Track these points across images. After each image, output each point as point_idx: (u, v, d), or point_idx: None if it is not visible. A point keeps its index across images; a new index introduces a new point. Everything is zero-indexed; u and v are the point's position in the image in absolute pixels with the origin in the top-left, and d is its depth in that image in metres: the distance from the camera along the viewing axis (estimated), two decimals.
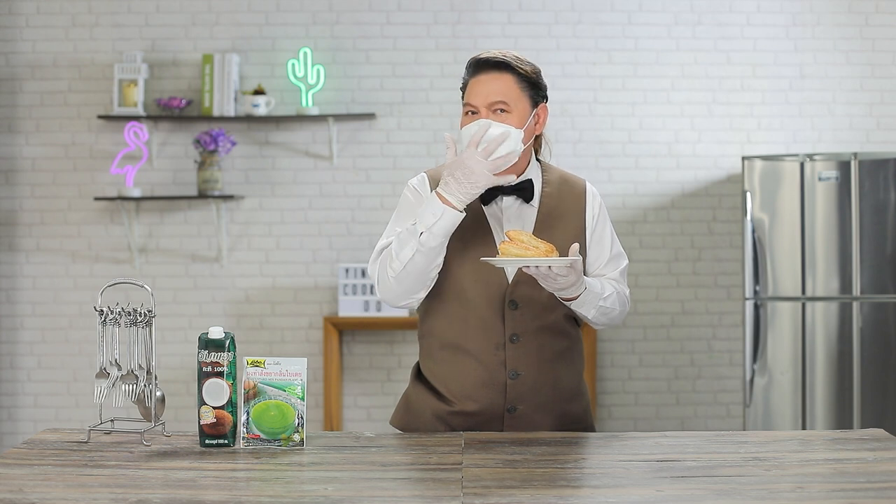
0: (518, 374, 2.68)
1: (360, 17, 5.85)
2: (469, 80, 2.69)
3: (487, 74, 2.66)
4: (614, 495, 2.10)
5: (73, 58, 5.87)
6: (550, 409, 2.72)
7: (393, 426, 2.85)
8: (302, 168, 5.88)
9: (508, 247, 2.47)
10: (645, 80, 5.84)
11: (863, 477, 2.20)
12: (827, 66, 5.83)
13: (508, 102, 2.64)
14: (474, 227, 2.69)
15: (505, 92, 2.65)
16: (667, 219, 5.87)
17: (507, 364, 2.67)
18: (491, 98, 2.64)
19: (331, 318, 5.72)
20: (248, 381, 2.48)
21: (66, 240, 5.90)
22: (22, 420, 5.92)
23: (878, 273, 5.22)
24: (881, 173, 5.22)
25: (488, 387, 2.68)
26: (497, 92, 2.64)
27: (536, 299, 2.67)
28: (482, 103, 2.64)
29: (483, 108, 2.64)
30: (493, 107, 2.64)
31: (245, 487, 2.19)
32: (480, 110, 2.65)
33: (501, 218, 2.71)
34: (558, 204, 2.75)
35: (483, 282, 2.68)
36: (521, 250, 2.45)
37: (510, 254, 2.46)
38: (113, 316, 2.56)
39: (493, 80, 2.65)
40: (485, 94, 2.64)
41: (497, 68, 2.66)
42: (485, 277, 2.67)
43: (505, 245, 2.48)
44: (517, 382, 2.68)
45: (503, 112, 2.64)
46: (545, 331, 2.70)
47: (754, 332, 5.28)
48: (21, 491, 2.11)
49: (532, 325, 2.68)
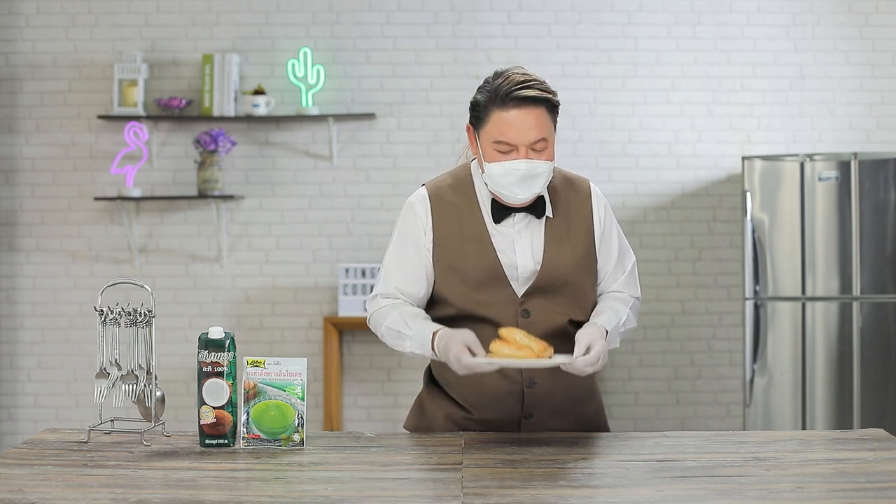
0: (534, 381, 2.64)
1: (360, 17, 5.86)
2: (497, 111, 2.54)
3: (524, 110, 2.53)
4: (614, 495, 2.10)
5: (73, 58, 5.87)
6: (565, 413, 2.70)
7: (407, 430, 2.82)
8: (302, 168, 5.88)
9: (500, 347, 2.39)
10: (645, 80, 5.84)
11: (863, 477, 2.20)
12: (827, 66, 5.83)
13: (547, 138, 2.55)
14: (478, 249, 2.62)
15: (543, 128, 2.54)
16: (667, 219, 5.87)
17: (523, 373, 2.64)
18: (532, 137, 2.53)
19: (331, 318, 5.72)
20: (248, 381, 2.48)
21: (66, 240, 5.90)
22: (22, 420, 5.92)
23: (878, 273, 5.21)
24: (881, 173, 5.22)
25: (506, 396, 2.65)
26: (538, 130, 2.53)
27: (548, 308, 2.63)
28: (523, 142, 2.53)
29: (523, 146, 2.53)
30: (534, 145, 2.54)
31: (245, 487, 2.19)
32: (520, 149, 2.53)
33: (513, 235, 2.64)
34: (566, 215, 2.68)
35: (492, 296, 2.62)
36: (513, 350, 2.37)
37: (501, 354, 2.38)
38: (113, 316, 2.56)
39: (531, 117, 2.53)
40: (525, 133, 2.53)
41: (535, 103, 2.53)
42: (493, 293, 2.62)
43: (497, 345, 2.40)
44: (534, 390, 2.65)
45: (543, 149, 2.55)
46: (558, 337, 2.64)
47: (754, 332, 5.28)
48: (21, 491, 2.11)
49: (546, 332, 2.61)
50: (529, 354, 2.38)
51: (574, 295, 2.66)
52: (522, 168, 2.53)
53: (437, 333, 2.57)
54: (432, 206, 2.67)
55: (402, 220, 2.70)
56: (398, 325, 2.63)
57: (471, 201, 2.66)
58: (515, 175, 2.54)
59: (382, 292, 2.70)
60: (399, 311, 2.64)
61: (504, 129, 2.53)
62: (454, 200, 2.67)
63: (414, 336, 2.60)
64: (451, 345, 2.50)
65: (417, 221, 2.67)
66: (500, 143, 2.54)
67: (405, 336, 2.61)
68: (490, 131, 2.55)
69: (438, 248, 2.65)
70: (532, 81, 2.55)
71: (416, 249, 2.67)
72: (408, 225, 2.68)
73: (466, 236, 2.64)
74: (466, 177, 2.71)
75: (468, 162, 2.76)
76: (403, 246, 2.68)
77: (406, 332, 2.61)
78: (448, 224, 2.65)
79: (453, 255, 2.64)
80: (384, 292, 2.69)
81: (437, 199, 2.67)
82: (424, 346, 2.59)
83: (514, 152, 2.54)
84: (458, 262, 2.63)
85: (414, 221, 2.68)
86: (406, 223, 2.69)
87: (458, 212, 2.66)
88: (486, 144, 2.57)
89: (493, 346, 2.41)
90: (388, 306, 2.66)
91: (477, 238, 2.63)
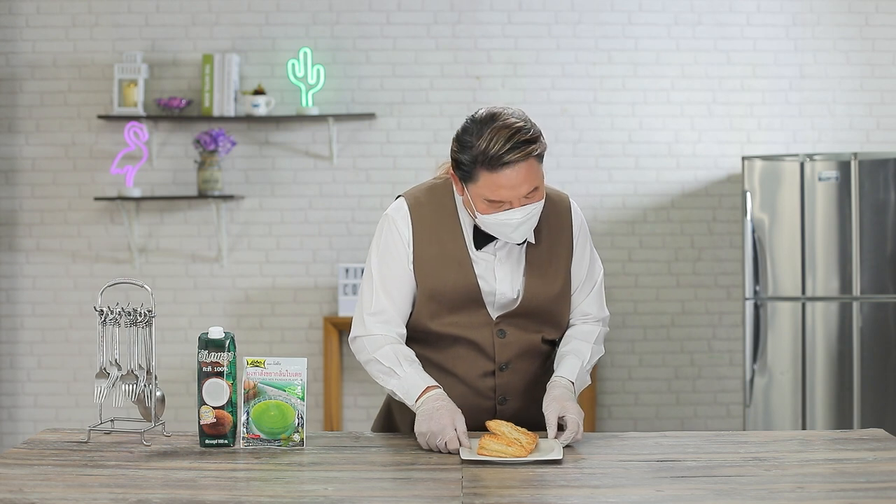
0: (507, 399, 2.66)
1: (360, 17, 5.86)
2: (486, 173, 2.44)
3: (515, 169, 2.44)
4: (614, 495, 2.10)
5: (73, 58, 5.87)
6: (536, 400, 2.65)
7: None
8: (302, 168, 5.88)
9: (489, 442, 2.36)
10: (645, 80, 5.84)
11: (863, 477, 2.20)
12: (827, 66, 5.83)
13: (538, 185, 2.49)
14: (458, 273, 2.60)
15: (534, 178, 2.47)
16: (667, 219, 5.87)
17: (496, 391, 2.66)
18: (525, 191, 2.46)
19: (331, 318, 5.72)
20: (248, 381, 2.48)
21: (66, 240, 5.90)
22: (22, 420, 5.92)
23: (878, 273, 5.21)
24: (881, 173, 5.22)
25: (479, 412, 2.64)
26: (530, 182, 2.46)
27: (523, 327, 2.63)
28: (516, 197, 2.46)
29: (517, 200, 2.47)
30: (528, 195, 2.48)
31: (245, 487, 2.19)
32: (513, 202, 2.47)
33: (493, 262, 2.61)
34: (549, 237, 2.65)
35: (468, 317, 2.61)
36: (503, 446, 2.35)
37: (491, 448, 2.36)
38: (113, 316, 2.56)
39: (523, 172, 2.45)
40: (517, 189, 2.45)
41: (525, 158, 2.44)
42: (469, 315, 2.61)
43: (486, 440, 2.37)
44: (505, 407, 2.67)
45: (535, 194, 2.49)
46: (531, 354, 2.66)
47: (754, 332, 5.28)
48: (21, 491, 2.11)
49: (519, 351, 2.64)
50: (518, 449, 2.35)
51: (549, 317, 2.67)
52: (517, 216, 2.48)
53: (429, 392, 2.52)
54: (413, 221, 2.61)
55: (384, 233, 2.63)
56: (390, 361, 2.57)
57: (452, 222, 2.61)
58: (512, 225, 2.49)
59: (371, 311, 2.62)
60: (393, 348, 2.58)
61: (495, 189, 2.45)
62: (434, 218, 2.61)
63: (404, 379, 2.54)
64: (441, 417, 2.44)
65: (400, 236, 2.61)
66: (492, 202, 2.48)
67: (395, 375, 2.56)
68: (480, 190, 2.47)
69: (418, 265, 2.60)
70: (519, 136, 2.43)
71: (400, 264, 2.61)
72: (391, 238, 2.62)
73: (447, 258, 2.60)
74: (447, 194, 2.64)
75: (447, 176, 2.68)
76: (388, 260, 2.62)
77: (398, 371, 2.56)
78: (429, 242, 2.60)
79: (433, 276, 2.60)
80: (373, 311, 2.62)
81: (418, 214, 2.61)
82: (409, 393, 2.53)
83: (507, 205, 2.47)
84: (437, 284, 2.59)
85: (397, 235, 2.61)
86: (389, 236, 2.62)
87: (439, 231, 2.61)
88: (476, 198, 2.50)
89: (483, 442, 2.37)
90: (381, 337, 2.60)
91: (457, 261, 2.59)
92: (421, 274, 2.60)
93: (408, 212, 2.62)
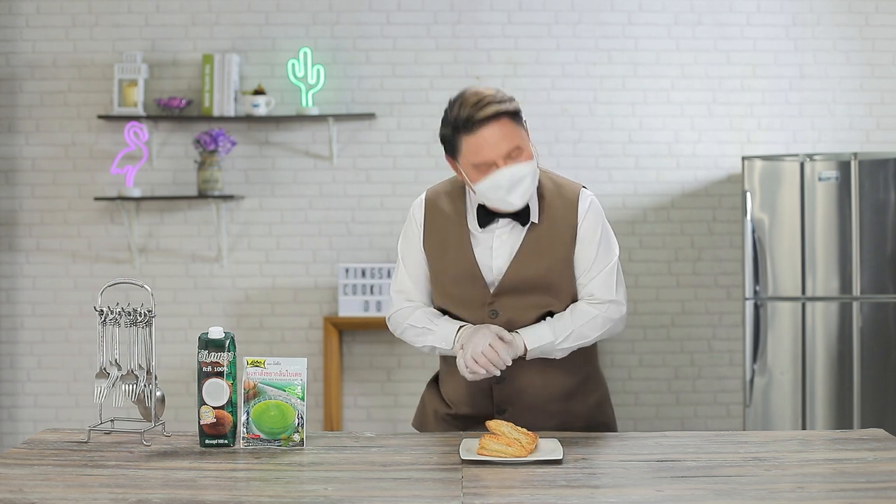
0: (503, 378, 2.75)
1: (360, 17, 5.86)
2: (465, 137, 2.64)
3: (489, 127, 2.62)
4: (614, 495, 2.10)
5: (73, 58, 5.87)
6: (541, 409, 2.78)
7: (414, 428, 2.99)
8: (302, 168, 5.88)
9: (489, 442, 2.38)
10: (645, 80, 5.84)
11: (863, 477, 2.20)
12: (827, 66, 5.83)
13: (520, 144, 2.64)
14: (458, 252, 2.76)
15: (513, 136, 2.63)
16: (667, 219, 5.87)
17: None
18: (505, 149, 2.62)
19: (331, 318, 5.72)
20: (248, 381, 2.48)
21: (66, 240, 5.90)
22: (22, 420, 5.92)
23: (878, 273, 5.21)
24: (881, 173, 5.22)
25: (478, 392, 2.79)
26: (509, 140, 2.62)
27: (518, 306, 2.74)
28: (498, 156, 2.62)
29: (500, 159, 2.62)
30: (510, 154, 2.63)
31: (245, 487, 2.19)
32: (498, 162, 2.62)
33: (492, 239, 2.75)
34: (551, 221, 2.76)
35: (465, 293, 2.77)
36: (503, 446, 2.37)
37: (491, 448, 2.38)
38: (113, 316, 2.56)
39: (498, 130, 2.62)
40: (497, 147, 2.62)
41: (496, 117, 2.62)
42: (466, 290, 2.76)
43: (486, 440, 2.39)
44: (503, 386, 2.77)
45: (518, 155, 2.64)
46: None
47: (754, 332, 5.28)
48: (21, 491, 2.11)
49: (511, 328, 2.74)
50: (519, 449, 2.38)
51: (546, 294, 2.76)
52: (506, 176, 2.63)
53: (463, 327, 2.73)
54: (426, 212, 2.83)
55: (407, 220, 2.89)
56: (422, 322, 2.80)
57: (459, 209, 2.80)
58: (502, 185, 2.64)
59: (397, 289, 2.88)
60: (422, 311, 2.83)
61: (477, 151, 2.63)
62: (446, 207, 2.81)
63: (438, 331, 2.76)
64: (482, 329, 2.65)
65: (415, 221, 2.85)
66: (478, 165, 2.64)
67: (430, 332, 2.77)
68: (466, 157, 2.66)
69: (427, 246, 2.82)
70: (486, 97, 2.64)
71: (416, 246, 2.84)
72: (410, 223, 2.87)
73: (449, 241, 2.78)
74: (461, 185, 2.83)
75: None
76: (406, 243, 2.86)
77: (431, 327, 2.78)
78: (437, 230, 2.81)
79: (436, 259, 2.80)
80: (398, 288, 2.88)
81: (432, 205, 2.83)
82: (447, 338, 2.74)
83: (494, 167, 2.64)
84: (438, 265, 2.79)
85: (413, 221, 2.86)
86: (409, 222, 2.87)
87: (447, 218, 2.80)
88: (467, 169, 2.68)
89: (483, 442, 2.39)
90: (410, 307, 2.84)
91: (458, 242, 2.77)
92: (430, 255, 2.81)
93: (423, 200, 2.86)
